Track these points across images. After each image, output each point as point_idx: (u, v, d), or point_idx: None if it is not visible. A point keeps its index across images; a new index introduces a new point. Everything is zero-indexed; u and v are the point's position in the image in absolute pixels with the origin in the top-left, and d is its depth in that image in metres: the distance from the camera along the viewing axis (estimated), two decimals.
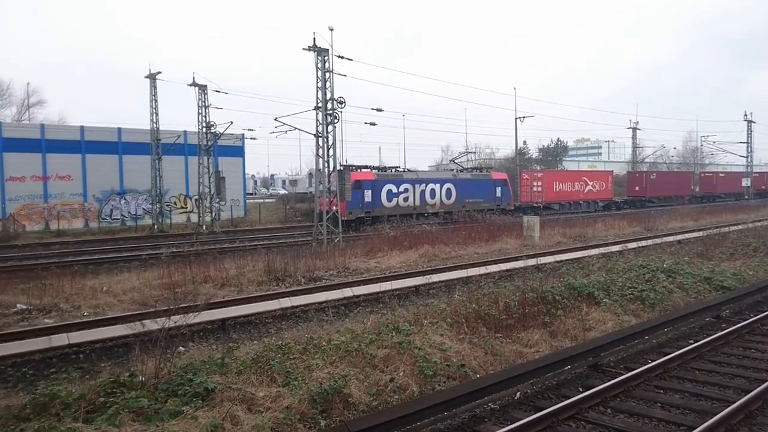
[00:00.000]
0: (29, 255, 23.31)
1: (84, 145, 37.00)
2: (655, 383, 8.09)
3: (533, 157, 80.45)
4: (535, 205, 45.98)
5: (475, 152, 53.21)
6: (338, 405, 7.29)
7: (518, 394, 7.70)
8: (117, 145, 38.27)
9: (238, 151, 43.29)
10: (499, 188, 40.96)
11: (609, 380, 7.90)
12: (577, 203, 49.31)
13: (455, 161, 45.50)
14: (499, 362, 8.95)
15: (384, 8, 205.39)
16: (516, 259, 18.95)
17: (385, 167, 37.77)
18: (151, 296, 13.98)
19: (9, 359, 9.56)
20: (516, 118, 53.80)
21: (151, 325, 8.92)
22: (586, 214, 42.56)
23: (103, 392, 7.60)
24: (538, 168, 69.31)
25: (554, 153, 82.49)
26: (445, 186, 37.54)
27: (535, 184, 47.17)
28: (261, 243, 25.65)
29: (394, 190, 34.70)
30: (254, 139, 42.96)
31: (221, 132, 34.58)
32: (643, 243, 23.45)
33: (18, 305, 12.98)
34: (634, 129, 68.35)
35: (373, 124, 32.86)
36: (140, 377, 8.02)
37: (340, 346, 8.90)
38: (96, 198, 37.56)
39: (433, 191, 36.65)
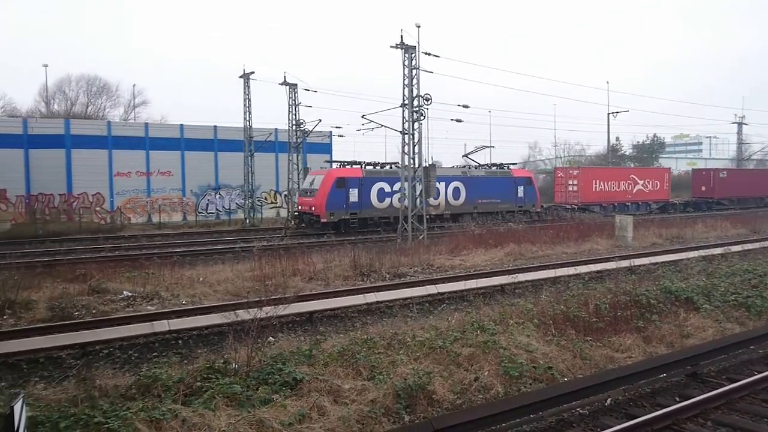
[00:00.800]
0: (134, 246, 24.92)
1: (183, 142, 39.11)
2: (762, 396, 7.55)
3: (626, 153, 77.01)
4: (568, 207, 40.64)
5: (494, 147, 46.19)
6: (422, 401, 7.32)
7: (609, 401, 7.43)
8: (213, 143, 40.18)
9: (326, 148, 44.27)
10: (522, 188, 36.48)
11: (709, 391, 7.47)
12: (623, 205, 43.06)
13: (468, 156, 39.14)
14: (588, 366, 8.66)
15: (473, 4, 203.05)
16: (607, 260, 18.22)
17: (378, 163, 32.64)
18: (243, 287, 14.59)
19: (116, 342, 10.29)
20: (608, 114, 51.72)
21: (243, 315, 9.31)
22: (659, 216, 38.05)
23: (199, 377, 8.04)
24: (632, 165, 66.28)
25: (650, 149, 78.61)
26: (453, 185, 33.36)
27: (570, 183, 41.96)
28: (347, 239, 26.11)
29: (387, 188, 30.79)
30: (341, 136, 43.90)
31: (310, 129, 35.45)
32: (749, 246, 21.87)
33: (124, 292, 13.92)
34: (740, 124, 63.89)
35: (459, 120, 32.48)
36: (233, 364, 8.40)
37: (425, 343, 8.93)
38: (193, 192, 39.65)
39: (436, 190, 30.91)
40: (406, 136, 25.08)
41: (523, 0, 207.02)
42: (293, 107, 35.18)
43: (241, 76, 36.16)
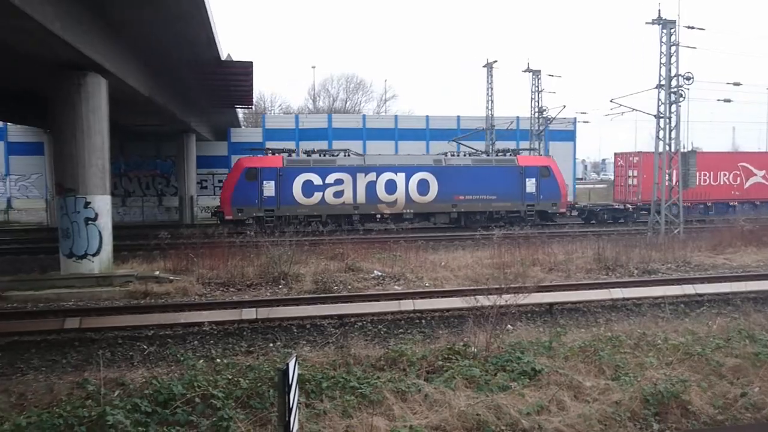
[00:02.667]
0: (385, 229, 26.87)
1: (428, 132, 40.95)
2: None
3: None
4: (618, 206, 30.35)
5: (492, 128, 36.30)
6: (675, 411, 6.68)
7: None
8: (456, 132, 41.37)
9: (569, 135, 42.49)
10: (532, 180, 27.12)
11: None
12: (724, 204, 30.34)
13: (458, 141, 31.99)
14: None
15: None
16: None
17: (317, 151, 27.65)
18: (483, 274, 14.83)
19: (368, 316, 11.29)
20: None
21: (483, 300, 9.47)
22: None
23: (441, 357, 8.42)
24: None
25: None
26: (417, 176, 26.24)
27: (630, 173, 30.32)
28: (590, 230, 24.82)
29: (318, 181, 25.50)
30: (586, 122, 41.64)
31: (553, 117, 34.38)
32: None
33: (375, 271, 15.17)
34: None
35: (727, 101, 28.54)
36: (473, 348, 8.63)
37: (679, 347, 8.13)
38: None
39: (391, 183, 25.89)
40: (662, 119, 22.84)
41: None
42: (536, 94, 34.44)
43: (484, 66, 36.53)
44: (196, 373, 7.89)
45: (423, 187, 26.30)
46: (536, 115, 34.53)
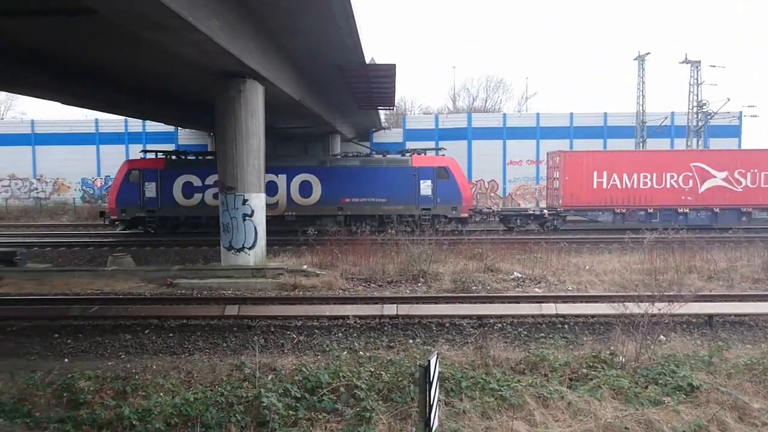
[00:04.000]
0: (522, 230, 26.23)
1: (572, 130, 39.31)
2: None
3: None
4: (533, 211, 26.93)
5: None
6: None
7: None
8: (602, 130, 39.28)
9: (733, 131, 38.62)
10: (428, 182, 24.86)
11: None
12: (671, 211, 25.47)
13: (355, 141, 28.68)
14: None
15: None
16: None
17: (200, 153, 26.65)
18: (631, 280, 13.98)
19: (507, 318, 11.11)
20: None
21: (632, 308, 8.93)
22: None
23: (585, 364, 8.10)
24: None
25: None
26: (299, 177, 25.13)
27: (554, 175, 26.66)
28: (759, 235, 22.39)
29: (197, 182, 24.72)
30: (755, 116, 37.36)
31: (714, 111, 31.47)
32: None
33: (515, 273, 14.88)
34: None
35: None
36: (620, 357, 8.20)
37: None
38: None
39: (272, 185, 24.47)
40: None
41: None
42: (694, 87, 31.75)
43: (635, 59, 34.33)
44: (340, 363, 8.29)
45: (306, 188, 25.41)
46: (694, 109, 31.80)
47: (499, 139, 39.39)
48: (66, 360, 9.75)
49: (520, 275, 14.74)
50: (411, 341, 10.24)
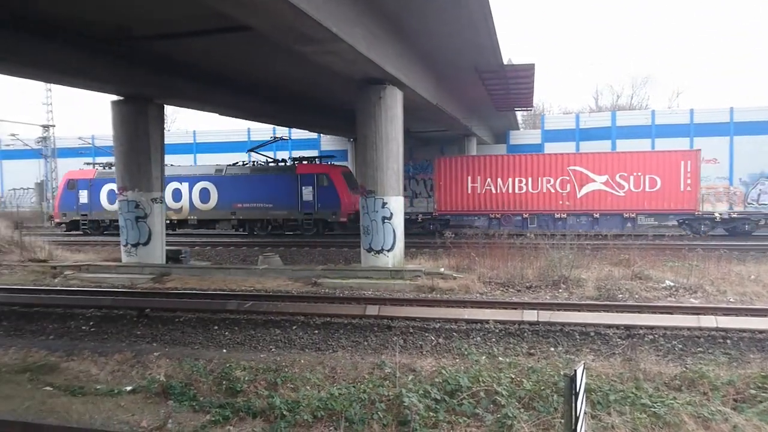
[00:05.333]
0: (676, 235, 24.33)
1: (733, 126, 35.81)
2: None
3: None
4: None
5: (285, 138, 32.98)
6: None
7: None
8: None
9: None
10: (309, 189, 26.74)
11: None
12: (548, 216, 24.60)
13: (256, 150, 30.18)
14: None
15: None
16: None
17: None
18: None
19: (659, 329, 10.35)
20: None
21: None
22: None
23: (753, 384, 7.35)
24: None
25: None
26: (200, 185, 28.01)
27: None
28: None
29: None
30: None
31: None
32: None
33: (666, 281, 13.84)
34: None
35: None
36: None
37: None
38: (742, 182, 35.96)
39: (177, 192, 28.04)
40: None
41: None
42: None
43: None
44: (480, 368, 8.21)
45: (205, 195, 28.10)
46: None
47: (647, 137, 36.86)
48: (224, 350, 10.60)
49: (672, 284, 13.69)
50: (552, 349, 9.90)
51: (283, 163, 29.36)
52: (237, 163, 30.29)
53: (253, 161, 30.55)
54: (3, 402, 8.05)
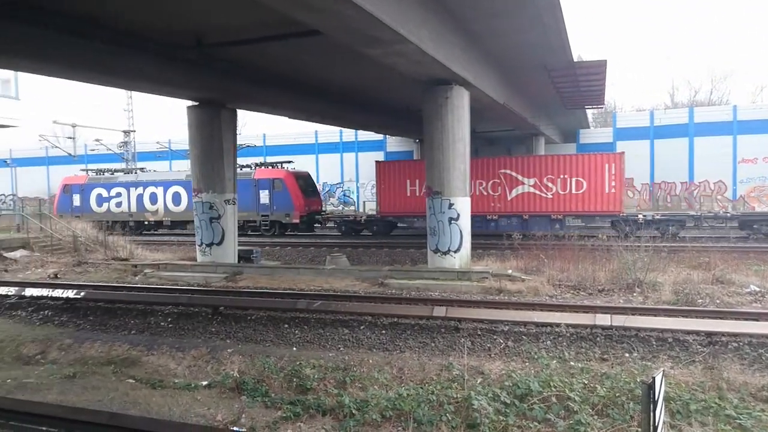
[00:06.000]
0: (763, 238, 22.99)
1: None
2: None
3: None
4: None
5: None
6: None
7: None
8: None
9: None
10: (266, 192, 28.92)
11: None
12: (481, 218, 25.14)
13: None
14: None
15: None
16: None
17: (106, 170, 35.35)
18: None
19: (744, 337, 9.78)
20: None
21: None
22: None
23: None
24: None
25: None
26: (172, 189, 31.06)
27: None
28: None
29: (104, 194, 32.83)
30: None
31: None
32: None
33: (751, 286, 13.09)
34: None
35: None
36: None
37: None
38: None
39: (154, 195, 31.58)
40: None
41: None
42: None
43: None
44: (551, 372, 8.03)
45: (177, 198, 30.91)
46: None
47: (728, 134, 34.98)
48: (294, 348, 10.84)
49: (757, 288, 12.92)
50: (627, 355, 9.54)
51: (244, 169, 30.37)
52: None
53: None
54: (91, 392, 8.53)
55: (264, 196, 29.16)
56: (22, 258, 20.02)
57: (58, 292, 14.20)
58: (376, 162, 29.35)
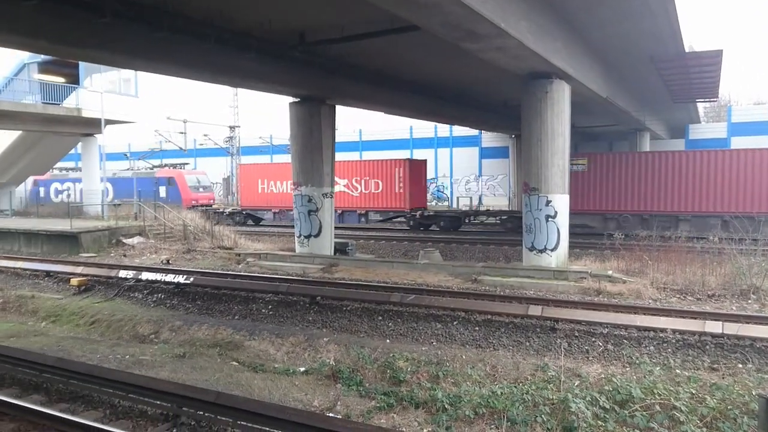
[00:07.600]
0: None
1: None
2: None
3: None
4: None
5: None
6: None
7: None
8: None
9: None
10: (164, 188, 36.14)
11: None
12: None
13: (144, 158, 41.35)
14: None
15: None
16: None
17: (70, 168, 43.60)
18: None
19: None
20: None
21: None
22: None
23: None
24: None
25: None
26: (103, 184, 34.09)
27: None
28: None
29: (60, 187, 40.24)
30: None
31: None
32: None
33: None
34: None
35: None
36: None
37: None
38: None
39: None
40: None
41: None
42: None
43: None
44: (654, 379, 7.68)
45: (105, 193, 33.69)
46: None
47: None
48: (387, 340, 11.02)
49: None
50: (741, 366, 8.93)
51: (150, 169, 38.80)
52: (128, 169, 40.73)
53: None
54: (200, 372, 9.11)
55: (162, 191, 36.07)
56: (139, 244, 21.60)
57: (170, 277, 15.21)
58: (239, 165, 36.09)
